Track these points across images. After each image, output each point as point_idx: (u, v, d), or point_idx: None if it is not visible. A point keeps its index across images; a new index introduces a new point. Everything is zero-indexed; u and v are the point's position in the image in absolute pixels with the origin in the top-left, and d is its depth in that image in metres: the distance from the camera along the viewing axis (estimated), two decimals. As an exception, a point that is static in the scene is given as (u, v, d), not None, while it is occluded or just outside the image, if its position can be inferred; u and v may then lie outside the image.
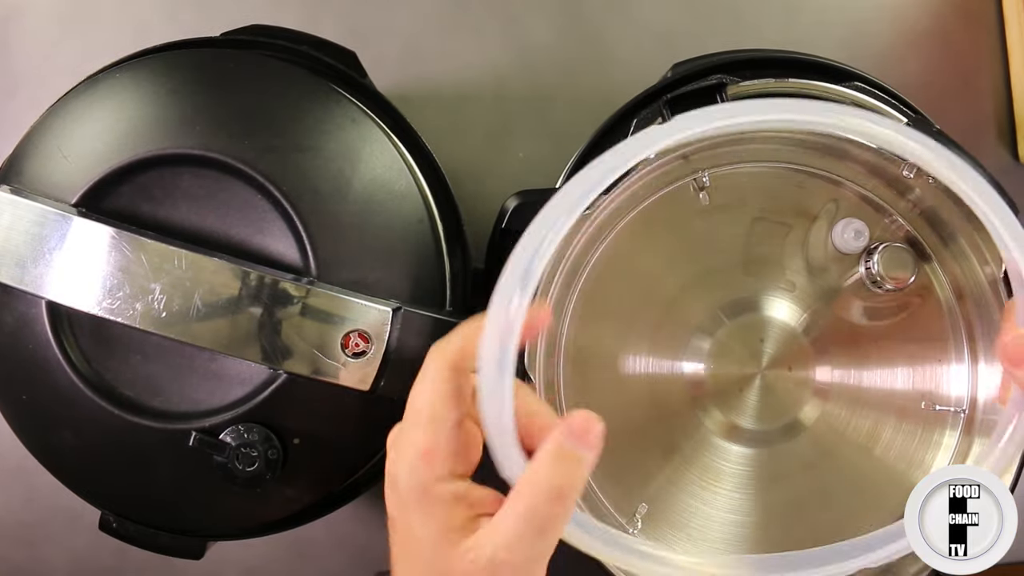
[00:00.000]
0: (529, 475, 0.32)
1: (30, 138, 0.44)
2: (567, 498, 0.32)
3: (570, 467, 0.32)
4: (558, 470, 0.32)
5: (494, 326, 0.32)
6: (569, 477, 0.32)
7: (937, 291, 0.45)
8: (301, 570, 0.60)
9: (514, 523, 0.32)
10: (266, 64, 0.45)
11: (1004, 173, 0.61)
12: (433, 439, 0.33)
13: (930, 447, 0.45)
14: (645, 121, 0.47)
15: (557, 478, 0.32)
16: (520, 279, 0.32)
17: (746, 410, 0.44)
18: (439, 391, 0.33)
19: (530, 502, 0.32)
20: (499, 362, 0.31)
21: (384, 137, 0.45)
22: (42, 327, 0.42)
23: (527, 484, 0.32)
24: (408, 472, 0.33)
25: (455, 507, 0.33)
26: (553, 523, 0.32)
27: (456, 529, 0.32)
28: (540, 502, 0.32)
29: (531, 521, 0.32)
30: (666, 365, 0.45)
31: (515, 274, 0.32)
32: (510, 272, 0.32)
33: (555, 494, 0.32)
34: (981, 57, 0.61)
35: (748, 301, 0.45)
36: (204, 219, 0.42)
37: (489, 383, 0.32)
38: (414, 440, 0.33)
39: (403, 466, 0.33)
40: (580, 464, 0.32)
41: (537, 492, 0.32)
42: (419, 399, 0.34)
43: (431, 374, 0.34)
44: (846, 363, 0.45)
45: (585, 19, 0.61)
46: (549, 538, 0.32)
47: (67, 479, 0.45)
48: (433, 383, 0.34)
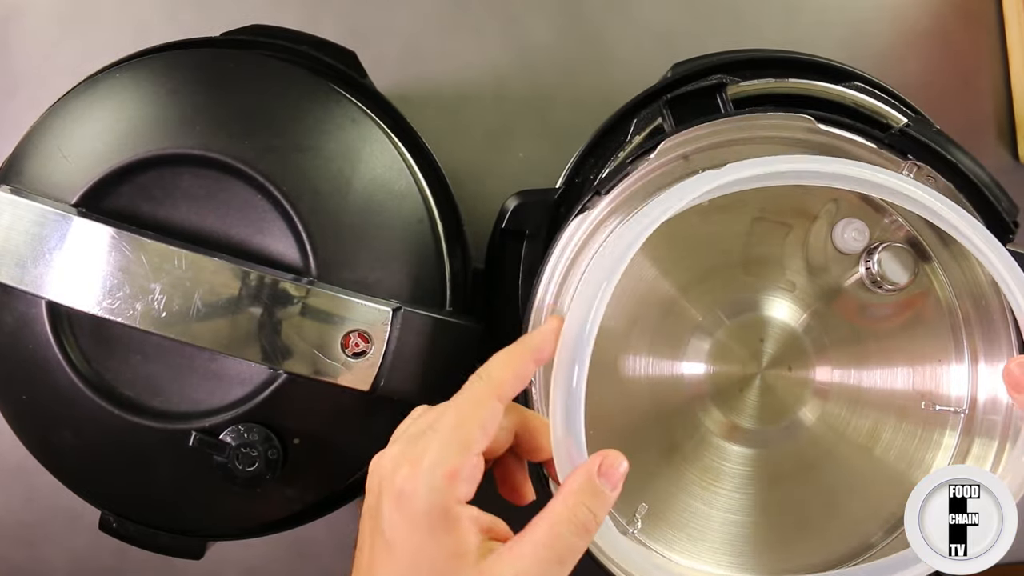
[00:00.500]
0: (557, 504, 0.33)
1: (30, 138, 0.44)
2: (589, 532, 0.33)
3: (596, 502, 0.33)
4: (585, 503, 0.33)
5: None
6: (594, 511, 0.33)
7: (937, 291, 0.45)
8: (301, 570, 0.60)
9: (536, 550, 0.32)
10: (266, 64, 0.45)
11: (1004, 173, 0.61)
12: (461, 462, 0.33)
13: (930, 447, 0.45)
14: (645, 121, 0.47)
15: (583, 511, 0.33)
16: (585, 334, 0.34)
17: (746, 410, 0.44)
18: (478, 417, 0.34)
19: (555, 531, 0.33)
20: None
21: (384, 137, 0.45)
22: (42, 327, 0.42)
23: (552, 513, 0.33)
24: (429, 491, 0.32)
25: (470, 531, 0.33)
26: (573, 554, 0.33)
27: (468, 553, 0.33)
28: (563, 532, 0.33)
29: (553, 549, 0.32)
30: (666, 365, 0.45)
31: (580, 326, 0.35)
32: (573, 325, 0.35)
33: (579, 527, 0.33)
34: (981, 57, 0.61)
35: (748, 301, 0.45)
36: (204, 219, 0.42)
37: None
38: (442, 459, 0.33)
39: (422, 485, 0.32)
40: (605, 501, 0.34)
41: (564, 522, 0.33)
42: (454, 418, 0.34)
43: (473, 399, 0.34)
44: (846, 363, 0.45)
45: (585, 19, 0.61)
46: (566, 568, 0.33)
47: (67, 479, 0.45)
48: (474, 407, 0.34)
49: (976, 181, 0.42)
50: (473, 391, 0.35)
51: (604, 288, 0.35)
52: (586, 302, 0.35)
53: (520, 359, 0.35)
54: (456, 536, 0.32)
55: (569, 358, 0.34)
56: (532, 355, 0.35)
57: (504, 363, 0.35)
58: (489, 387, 0.34)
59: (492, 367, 0.35)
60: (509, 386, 0.35)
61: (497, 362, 0.35)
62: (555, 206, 0.47)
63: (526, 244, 0.47)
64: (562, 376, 0.34)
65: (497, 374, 0.35)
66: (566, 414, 0.34)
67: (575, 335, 0.34)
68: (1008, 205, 0.42)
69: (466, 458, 0.33)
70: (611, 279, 0.35)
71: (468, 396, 0.35)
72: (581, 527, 0.33)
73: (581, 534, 0.33)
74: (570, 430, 0.34)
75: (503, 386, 0.35)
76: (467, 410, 0.34)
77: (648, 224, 0.36)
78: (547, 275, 0.42)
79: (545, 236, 0.47)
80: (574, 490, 0.33)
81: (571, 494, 0.33)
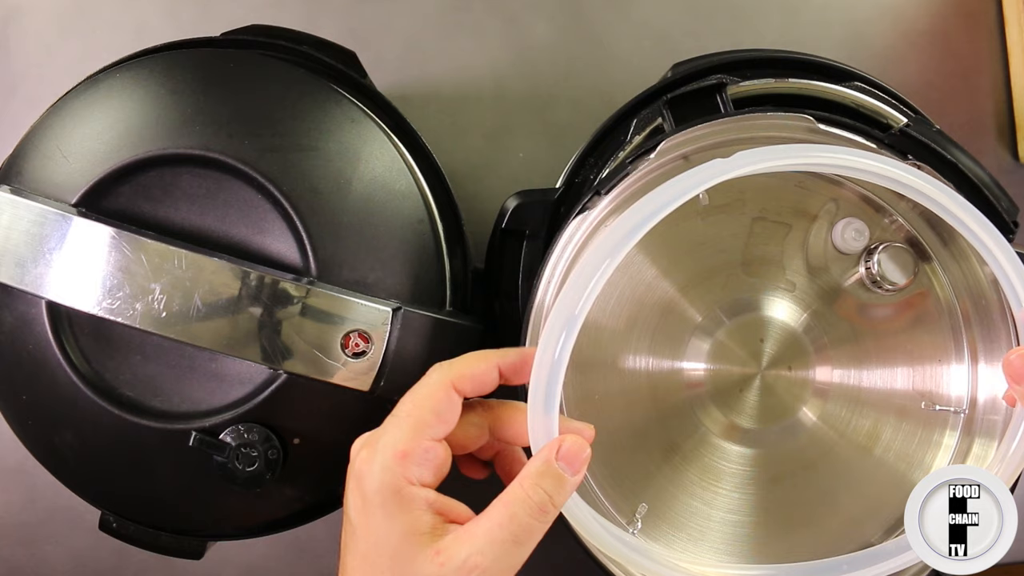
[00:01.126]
0: (515, 486, 0.34)
1: (30, 138, 0.44)
2: (547, 513, 0.34)
3: (554, 485, 0.34)
4: (543, 485, 0.34)
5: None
6: (552, 494, 0.34)
7: (937, 291, 0.45)
8: (301, 570, 0.60)
9: (492, 531, 0.33)
10: (266, 64, 0.45)
11: (1004, 173, 0.61)
12: (413, 443, 0.34)
13: (930, 447, 0.45)
14: (645, 121, 0.47)
15: (541, 493, 0.33)
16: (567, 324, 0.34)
17: (746, 410, 0.44)
18: (430, 402, 0.35)
19: (512, 511, 0.33)
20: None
21: (384, 137, 0.45)
22: (42, 327, 0.42)
23: (511, 494, 0.34)
24: (380, 470, 0.34)
25: (424, 511, 0.34)
26: (530, 535, 0.33)
27: (422, 533, 0.33)
28: (519, 513, 0.33)
29: (510, 530, 0.33)
30: (666, 365, 0.45)
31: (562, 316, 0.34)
32: (558, 314, 0.34)
33: (538, 508, 0.33)
34: (981, 57, 0.61)
35: (748, 301, 0.45)
36: (204, 219, 0.42)
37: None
38: (394, 440, 0.34)
39: (375, 465, 0.34)
40: (564, 485, 0.34)
41: (520, 503, 0.33)
42: (409, 404, 0.35)
43: (428, 386, 0.36)
44: (846, 363, 0.45)
45: (585, 19, 0.61)
46: (524, 549, 0.34)
47: (67, 479, 0.45)
48: (428, 393, 0.35)
49: (976, 181, 0.42)
50: (431, 379, 0.36)
51: (606, 266, 0.34)
52: (583, 277, 0.34)
53: (486, 363, 0.36)
54: (409, 515, 0.33)
55: (556, 334, 0.34)
56: (499, 364, 0.36)
57: (469, 361, 0.36)
58: (447, 376, 0.35)
59: (456, 360, 0.36)
60: (467, 381, 0.35)
61: (464, 358, 0.36)
62: (555, 206, 0.47)
63: (526, 244, 0.47)
64: (547, 353, 0.34)
65: (458, 367, 0.36)
66: (545, 391, 0.34)
67: (565, 315, 0.34)
68: (1008, 205, 0.42)
69: (417, 441, 0.34)
70: (614, 256, 0.35)
71: (425, 382, 0.36)
72: (537, 509, 0.33)
73: (537, 516, 0.33)
74: (547, 410, 0.34)
75: (461, 379, 0.35)
76: (422, 395, 0.35)
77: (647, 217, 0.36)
78: (547, 275, 0.42)
79: (545, 236, 0.47)
80: (532, 472, 0.34)
81: (528, 476, 0.34)
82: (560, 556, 0.43)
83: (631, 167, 0.42)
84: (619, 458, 0.44)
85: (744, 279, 0.45)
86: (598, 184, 0.43)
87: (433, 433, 0.35)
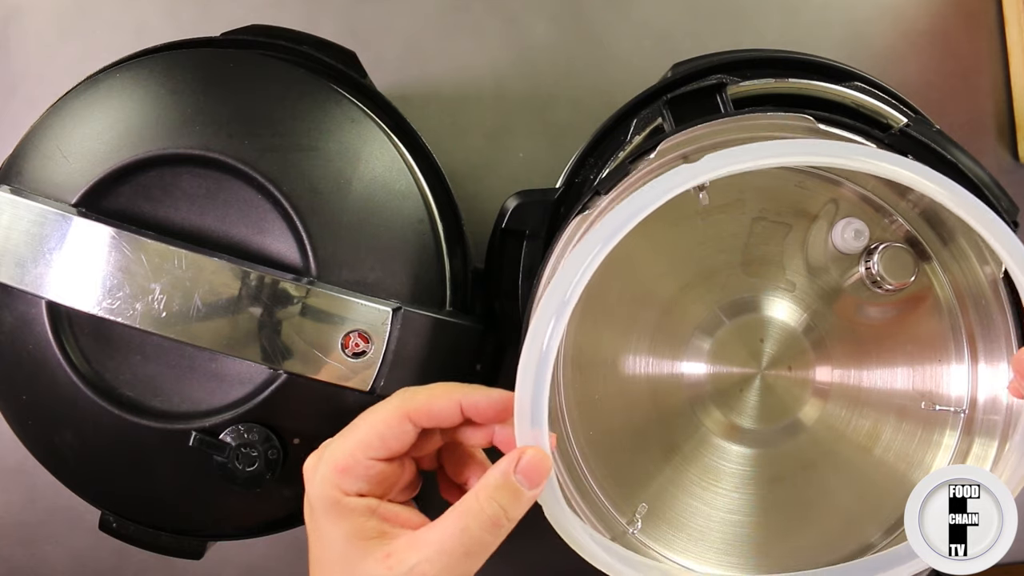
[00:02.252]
0: (469, 498, 0.33)
1: (30, 138, 0.44)
2: (500, 528, 0.33)
3: (511, 499, 0.33)
4: (499, 499, 0.33)
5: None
6: (507, 508, 0.33)
7: (937, 291, 0.45)
8: (301, 570, 0.60)
9: (443, 540, 0.33)
10: (266, 64, 0.45)
11: (1004, 173, 0.61)
12: (352, 460, 0.34)
13: (930, 447, 0.45)
14: (645, 121, 0.47)
15: (495, 507, 0.33)
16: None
17: (746, 410, 0.44)
18: (380, 426, 0.35)
19: (464, 523, 0.33)
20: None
21: (384, 137, 0.45)
22: (42, 327, 0.42)
23: (465, 505, 0.33)
24: (320, 481, 0.34)
25: (367, 518, 0.34)
26: (481, 548, 0.33)
27: (367, 538, 0.34)
28: (474, 525, 0.33)
29: (461, 541, 0.32)
30: (666, 365, 0.45)
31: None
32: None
33: (490, 522, 0.33)
34: (981, 57, 0.61)
35: (748, 301, 0.45)
36: (204, 219, 0.42)
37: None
38: (336, 455, 0.35)
39: (317, 475, 0.35)
40: (521, 499, 0.33)
41: (473, 516, 0.33)
42: (362, 422, 0.36)
43: (384, 409, 0.35)
44: (846, 363, 0.45)
45: (585, 19, 0.61)
46: (474, 562, 0.33)
47: (67, 479, 0.45)
48: (382, 417, 0.35)
49: (976, 181, 0.42)
50: (390, 403, 0.36)
51: (599, 250, 0.34)
52: (577, 261, 0.34)
53: (447, 400, 0.35)
54: (350, 522, 0.34)
55: (546, 318, 0.33)
56: (462, 400, 0.35)
57: (432, 394, 0.35)
58: (404, 406, 0.35)
59: (419, 392, 0.36)
60: (423, 414, 0.35)
61: (428, 389, 0.36)
62: (555, 206, 0.47)
63: (526, 244, 0.47)
64: (535, 342, 0.34)
65: (419, 399, 0.35)
66: (534, 379, 0.34)
67: (559, 297, 0.34)
68: (1008, 205, 0.42)
69: (356, 459, 0.34)
70: (615, 236, 0.34)
71: (384, 405, 0.36)
72: (490, 523, 0.33)
73: (489, 530, 0.33)
74: (535, 403, 0.34)
75: (417, 412, 0.35)
76: (375, 417, 0.35)
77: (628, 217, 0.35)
78: (547, 275, 0.42)
79: (545, 236, 0.47)
80: (488, 484, 0.33)
81: (484, 488, 0.33)
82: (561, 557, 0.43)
83: (631, 167, 0.42)
84: (619, 458, 0.44)
85: (744, 279, 0.45)
86: (598, 184, 0.43)
87: (375, 454, 0.35)
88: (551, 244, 0.43)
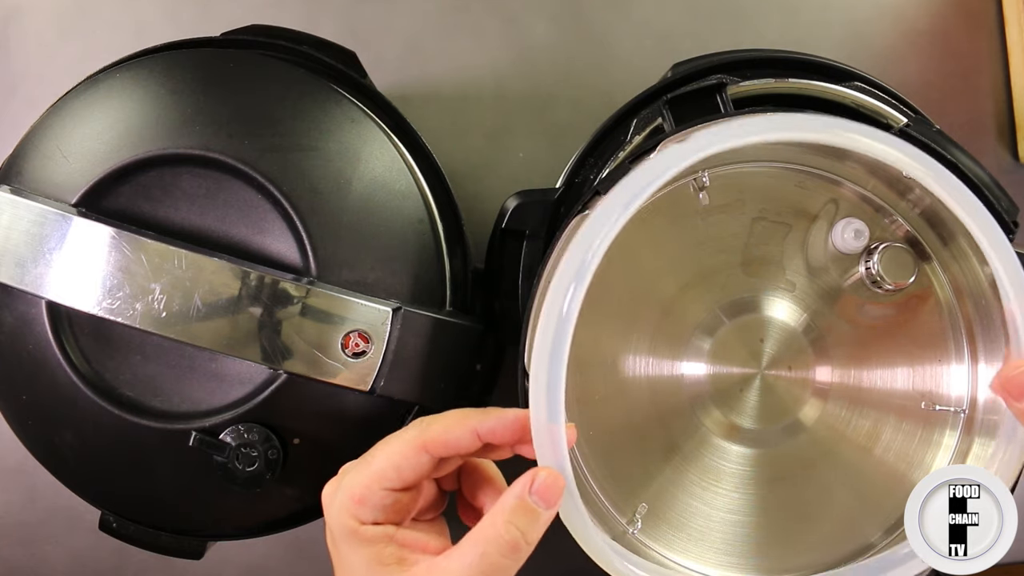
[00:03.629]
0: (486, 524, 0.33)
1: (30, 138, 0.44)
2: (520, 551, 0.33)
3: (528, 521, 0.33)
4: (516, 522, 0.33)
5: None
6: (526, 532, 0.33)
7: (937, 291, 0.45)
8: (301, 570, 0.60)
9: (462, 568, 0.33)
10: (266, 64, 0.45)
11: (1004, 173, 0.61)
12: (368, 491, 0.35)
13: (930, 447, 0.45)
14: (645, 121, 0.47)
15: (513, 531, 0.33)
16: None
17: (746, 410, 0.44)
18: (395, 458, 0.35)
19: (483, 549, 0.33)
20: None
21: (384, 137, 0.45)
22: (42, 327, 0.42)
23: (483, 532, 0.33)
24: (338, 511, 0.35)
25: (384, 545, 0.35)
26: (502, 573, 0.33)
27: (386, 564, 0.34)
28: (492, 551, 0.33)
29: (480, 568, 0.33)
30: (666, 365, 0.45)
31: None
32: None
33: (509, 547, 0.33)
34: (981, 57, 0.61)
35: (748, 301, 0.45)
36: (204, 219, 0.42)
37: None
38: (352, 485, 0.35)
39: (335, 504, 0.35)
40: (538, 520, 0.33)
41: (491, 542, 0.33)
42: (379, 452, 0.36)
43: (400, 441, 0.36)
44: (846, 363, 0.45)
45: (585, 19, 0.61)
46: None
47: (67, 479, 0.45)
48: (397, 449, 0.36)
49: (976, 181, 0.42)
50: (406, 435, 0.36)
51: (611, 226, 0.35)
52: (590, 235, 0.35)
53: (462, 429, 0.35)
54: (370, 549, 0.34)
55: (561, 290, 0.34)
56: (478, 428, 0.35)
57: (447, 425, 0.36)
58: (420, 439, 0.35)
59: (435, 422, 0.36)
60: (439, 445, 0.35)
61: (443, 419, 0.36)
62: (555, 206, 0.47)
63: (526, 244, 0.47)
64: (548, 334, 0.35)
65: (435, 429, 0.36)
66: (548, 370, 0.34)
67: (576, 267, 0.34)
68: (1008, 205, 0.42)
69: (373, 490, 0.35)
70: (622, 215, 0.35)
71: (400, 436, 0.36)
72: (509, 548, 0.33)
73: (509, 555, 0.33)
74: (551, 396, 0.34)
75: (434, 443, 0.35)
76: (391, 451, 0.36)
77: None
78: (547, 275, 0.42)
79: (545, 236, 0.47)
80: (505, 508, 0.33)
81: (501, 513, 0.33)
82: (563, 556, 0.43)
83: (631, 167, 0.42)
84: (619, 458, 0.44)
85: (744, 279, 0.45)
86: (598, 184, 0.43)
87: (390, 484, 0.35)
88: (551, 244, 0.43)
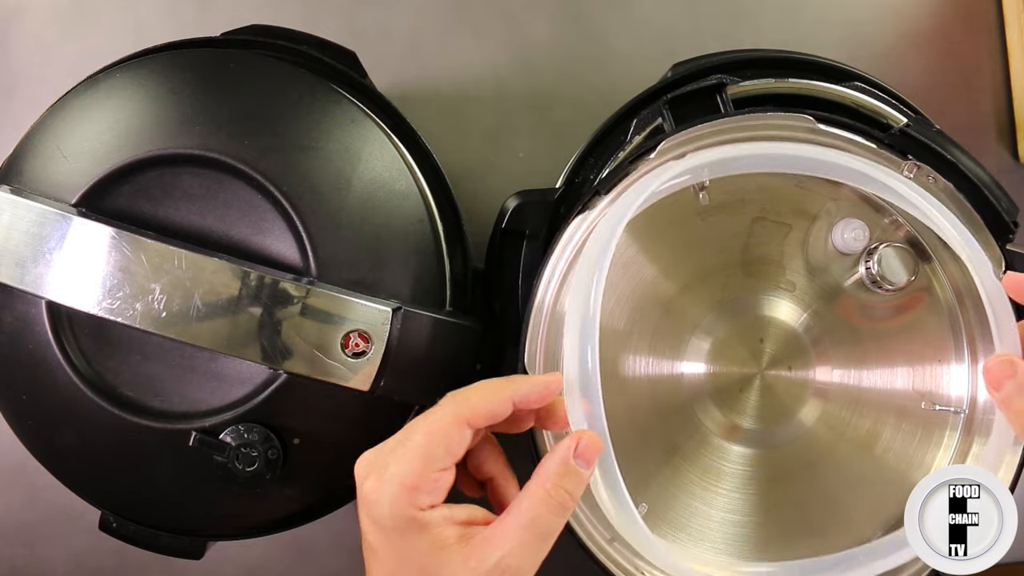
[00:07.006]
0: (535, 487, 0.35)
1: (30, 138, 0.44)
2: (568, 510, 0.35)
3: (574, 482, 0.35)
4: (565, 485, 0.35)
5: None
6: (570, 491, 0.35)
7: (937, 291, 0.45)
8: (301, 570, 0.60)
9: (518, 532, 0.34)
10: (266, 64, 0.45)
11: (1004, 173, 0.61)
12: (421, 478, 0.35)
13: (930, 447, 0.45)
14: (645, 121, 0.47)
15: (562, 492, 0.35)
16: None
17: (746, 410, 0.44)
18: (442, 436, 0.35)
19: (535, 512, 0.35)
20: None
21: (384, 137, 0.45)
22: (42, 327, 0.42)
23: (532, 496, 0.35)
24: (391, 502, 0.34)
25: (445, 527, 0.35)
26: (554, 531, 0.35)
27: (448, 546, 0.34)
28: (543, 512, 0.35)
29: (535, 530, 0.35)
30: (666, 365, 0.45)
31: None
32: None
33: (557, 507, 0.35)
34: (981, 57, 0.61)
35: (748, 301, 0.45)
36: (204, 219, 0.42)
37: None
38: (401, 473, 0.35)
39: (384, 496, 0.34)
40: (581, 480, 0.36)
41: (542, 503, 0.35)
42: (420, 435, 0.36)
43: (440, 419, 0.36)
44: (846, 363, 0.45)
45: (585, 19, 0.61)
46: (548, 545, 0.35)
47: (67, 479, 0.45)
48: (440, 428, 0.36)
49: (976, 181, 0.42)
50: (445, 412, 0.36)
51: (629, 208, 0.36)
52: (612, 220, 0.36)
53: (499, 396, 0.36)
54: (431, 533, 0.34)
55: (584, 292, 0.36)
56: (513, 396, 0.36)
57: (484, 394, 0.36)
58: (460, 412, 0.36)
59: (471, 393, 0.36)
60: (481, 417, 0.36)
61: (478, 391, 0.37)
62: (555, 206, 0.47)
63: (526, 244, 0.47)
64: (577, 313, 0.36)
65: (473, 402, 0.36)
66: (579, 349, 0.36)
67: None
68: (1008, 205, 0.42)
69: (426, 475, 0.35)
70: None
71: (440, 416, 0.36)
72: (559, 507, 0.35)
73: (560, 513, 0.35)
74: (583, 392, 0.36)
75: (475, 415, 0.36)
76: (435, 431, 0.35)
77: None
78: (547, 275, 0.42)
79: (545, 236, 0.47)
80: (552, 473, 0.35)
81: (549, 477, 0.35)
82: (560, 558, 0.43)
83: (631, 167, 0.42)
84: (619, 458, 0.44)
85: (744, 279, 0.45)
86: (598, 184, 0.43)
87: (441, 464, 0.35)
88: (551, 244, 0.43)
